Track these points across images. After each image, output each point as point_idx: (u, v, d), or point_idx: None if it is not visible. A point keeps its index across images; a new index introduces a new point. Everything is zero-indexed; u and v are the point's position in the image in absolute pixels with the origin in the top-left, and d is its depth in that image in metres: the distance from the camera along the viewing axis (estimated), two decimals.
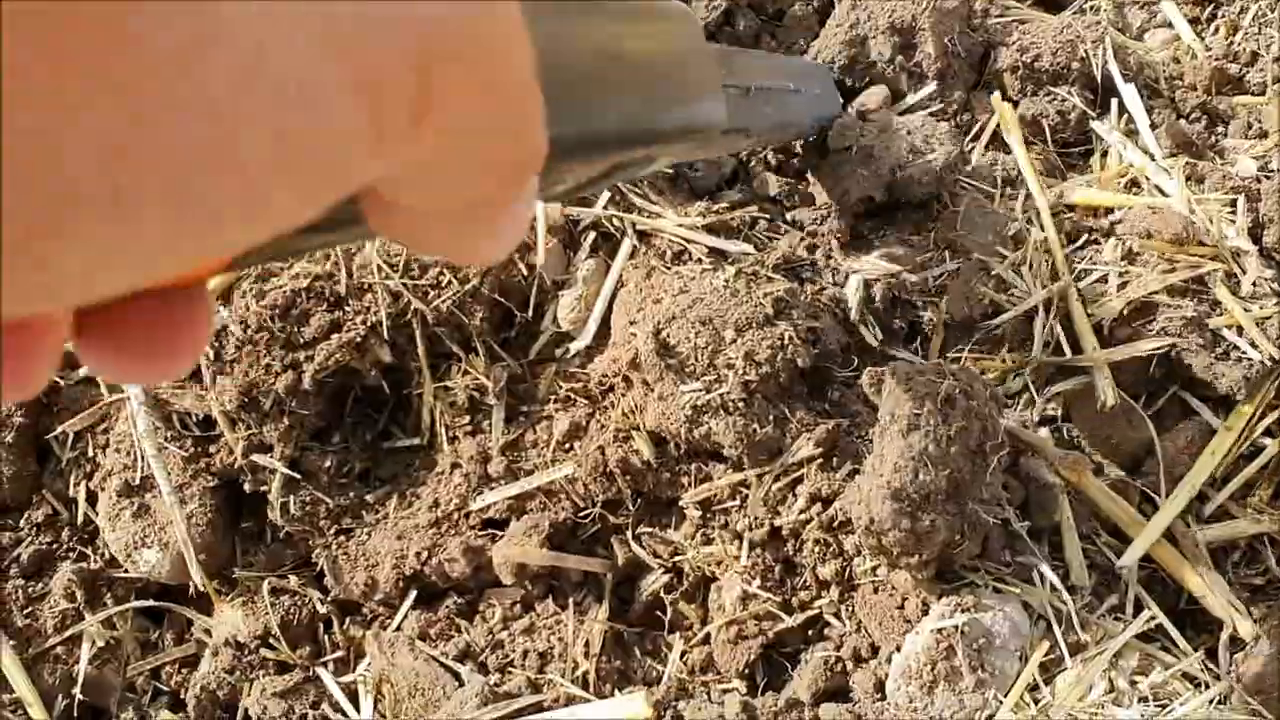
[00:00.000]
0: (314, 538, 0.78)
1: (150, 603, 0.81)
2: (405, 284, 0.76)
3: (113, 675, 0.79)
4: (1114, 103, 0.87)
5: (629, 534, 0.75)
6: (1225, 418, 0.76)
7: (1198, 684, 0.69)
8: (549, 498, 0.75)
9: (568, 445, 0.76)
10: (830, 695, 0.71)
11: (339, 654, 0.78)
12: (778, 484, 0.72)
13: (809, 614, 0.72)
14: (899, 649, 0.69)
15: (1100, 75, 0.87)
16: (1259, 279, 0.77)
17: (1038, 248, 0.81)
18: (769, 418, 0.72)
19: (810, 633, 0.73)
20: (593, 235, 0.80)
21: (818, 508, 0.71)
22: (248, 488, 0.78)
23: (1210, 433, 0.76)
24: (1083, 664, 0.68)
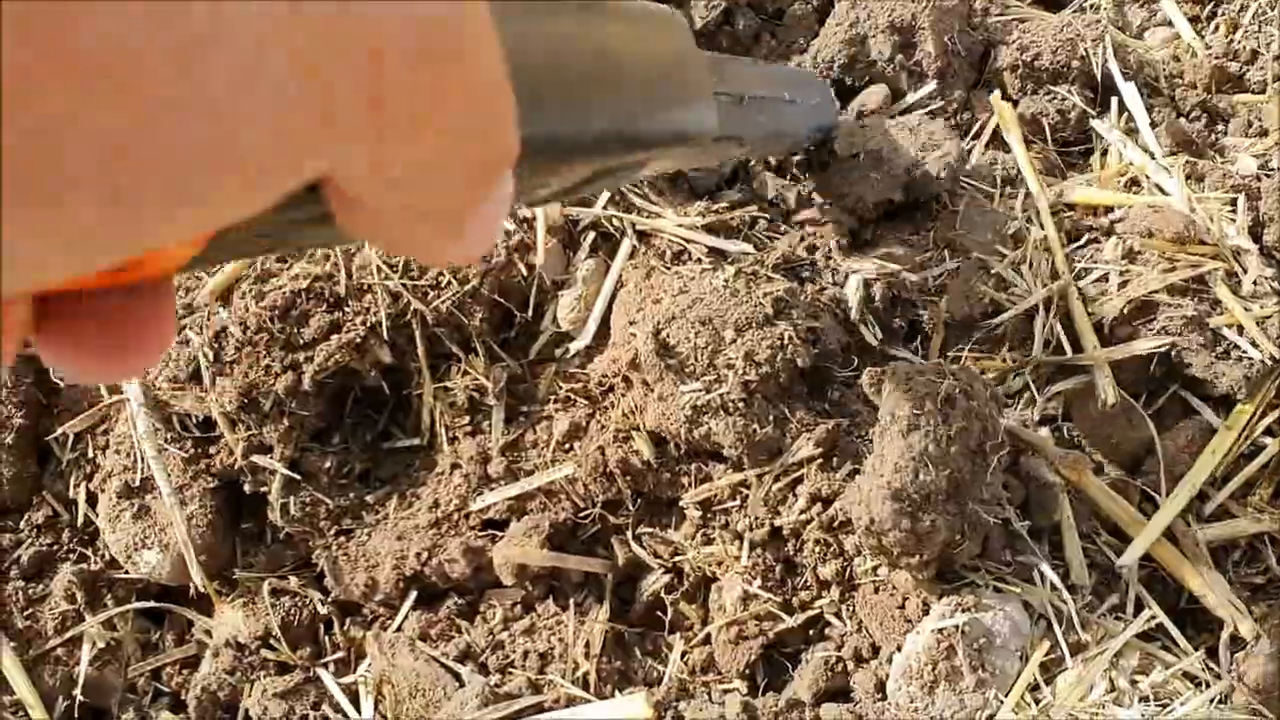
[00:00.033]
0: (314, 538, 0.78)
1: (151, 604, 0.81)
2: (405, 284, 0.76)
3: (113, 676, 0.79)
4: (1114, 101, 0.87)
5: (629, 534, 0.75)
6: (1226, 417, 0.76)
7: (1198, 683, 0.68)
8: (549, 498, 0.75)
9: (568, 445, 0.76)
10: (831, 695, 0.71)
11: (339, 655, 0.78)
12: (778, 484, 0.72)
13: (810, 614, 0.72)
14: (900, 649, 0.69)
15: (1100, 74, 0.87)
16: (1259, 278, 0.77)
17: (1038, 246, 0.81)
18: (769, 418, 0.72)
19: (811, 633, 0.73)
20: (592, 235, 0.80)
21: (818, 508, 0.71)
22: (248, 489, 0.78)
23: (1211, 432, 0.76)
24: (1083, 664, 0.68)
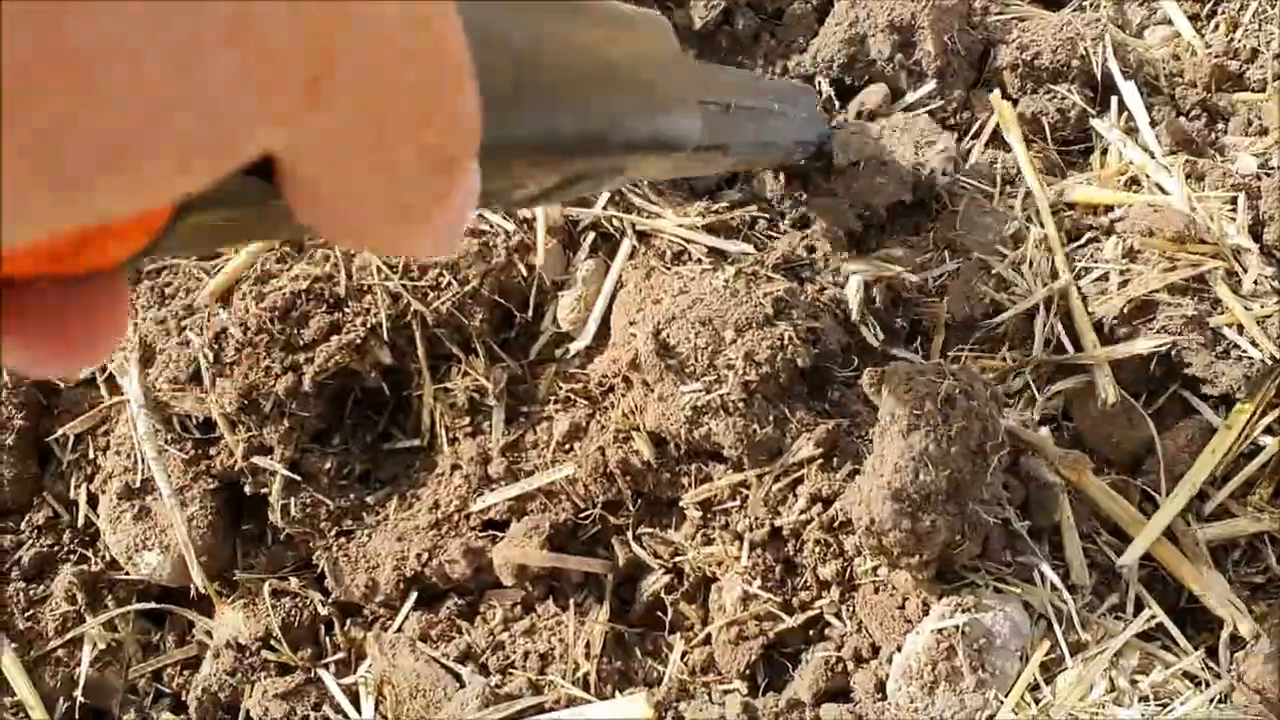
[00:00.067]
0: (315, 539, 0.78)
1: (151, 605, 0.81)
2: (405, 285, 0.76)
3: (114, 677, 0.79)
4: (1114, 100, 0.87)
5: (629, 535, 0.75)
6: (1226, 416, 0.76)
7: (1198, 683, 0.69)
8: (549, 499, 0.75)
9: (568, 446, 0.76)
10: (831, 695, 0.71)
11: (340, 655, 0.78)
12: (778, 484, 0.72)
13: (810, 614, 0.72)
14: (900, 649, 0.69)
15: (1100, 73, 0.87)
16: (1260, 277, 0.77)
17: (1038, 246, 0.81)
18: (769, 418, 0.72)
19: (811, 633, 0.73)
20: (592, 235, 0.80)
21: (818, 508, 0.71)
22: (248, 490, 0.78)
23: (1211, 431, 0.76)
24: (1083, 663, 0.68)
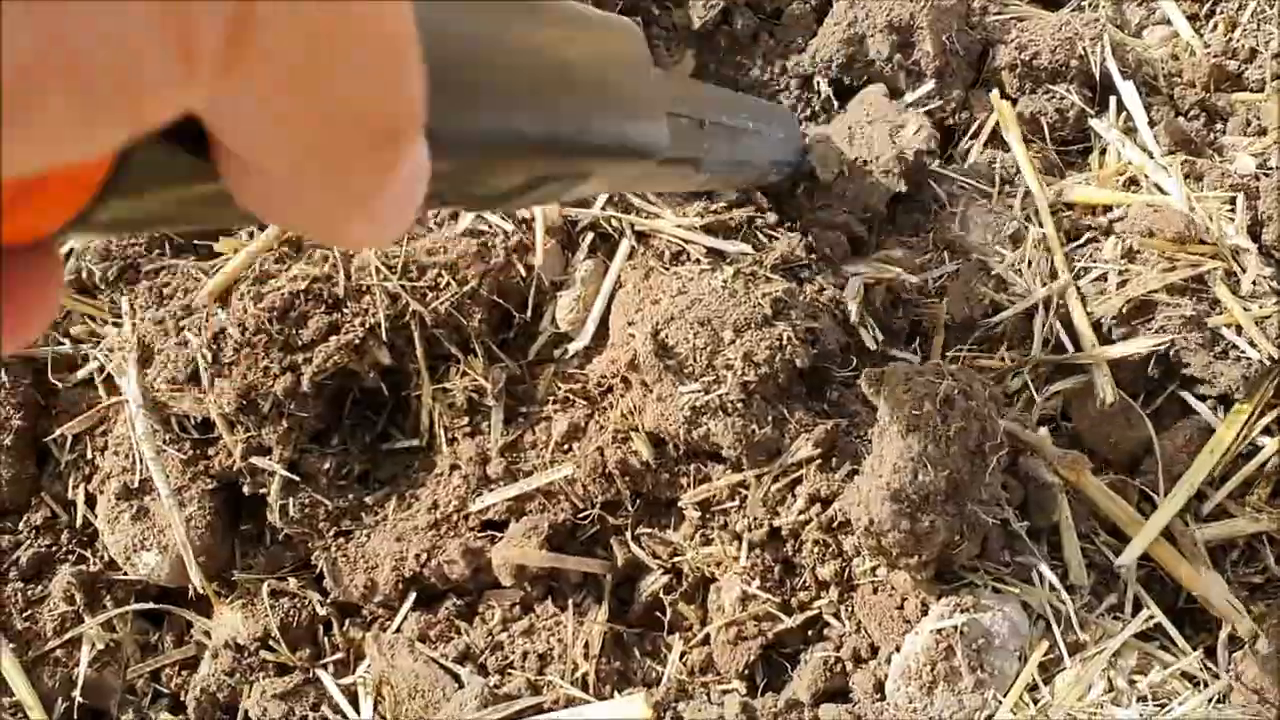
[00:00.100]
0: (313, 540, 0.78)
1: (150, 605, 0.81)
2: (404, 285, 0.76)
3: (113, 678, 0.79)
4: (1113, 100, 0.87)
5: (628, 535, 0.75)
6: (1224, 417, 0.76)
7: (1197, 683, 0.69)
8: (548, 499, 0.75)
9: (567, 446, 0.76)
10: (830, 696, 0.71)
11: (339, 656, 0.78)
12: (777, 484, 0.72)
13: (808, 614, 0.72)
14: (898, 649, 0.69)
15: (1099, 73, 0.87)
16: (1258, 277, 0.77)
17: (1037, 246, 0.81)
18: (768, 418, 0.72)
19: (810, 633, 0.73)
20: (591, 236, 0.80)
21: (817, 508, 0.71)
22: (247, 490, 0.78)
23: (1209, 431, 0.76)
24: (1082, 663, 0.68)
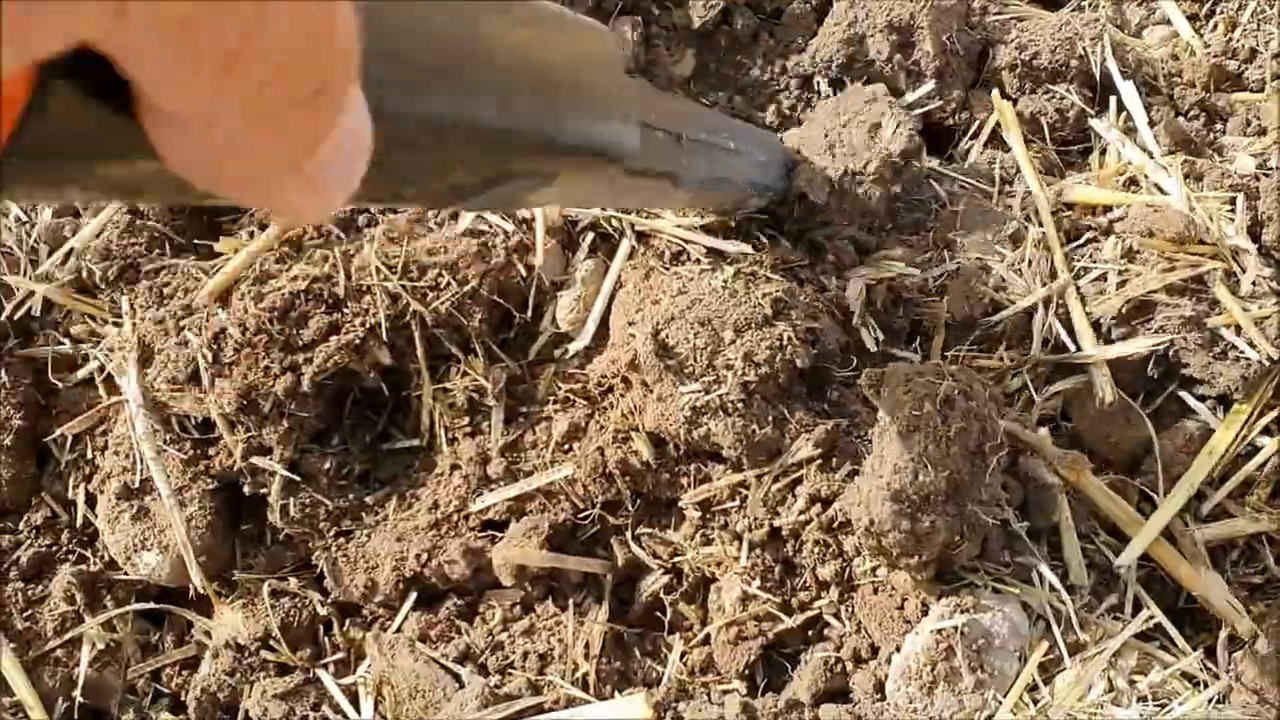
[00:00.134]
0: (314, 540, 0.78)
1: (150, 605, 0.81)
2: (404, 286, 0.76)
3: (113, 678, 0.79)
4: (1113, 100, 0.87)
5: (628, 535, 0.75)
6: (1223, 417, 0.76)
7: (1197, 683, 0.69)
8: (548, 499, 0.75)
9: (567, 446, 0.76)
10: (830, 696, 0.71)
11: (339, 656, 0.78)
12: (777, 485, 0.72)
13: (809, 615, 0.72)
14: (899, 649, 0.69)
15: (1099, 73, 0.87)
16: (1258, 278, 0.77)
17: (1037, 246, 0.81)
18: (768, 418, 0.72)
19: (810, 633, 0.73)
20: (591, 236, 0.80)
21: (817, 508, 0.71)
22: (247, 490, 0.78)
23: (1208, 432, 0.76)
24: (1082, 664, 0.68)
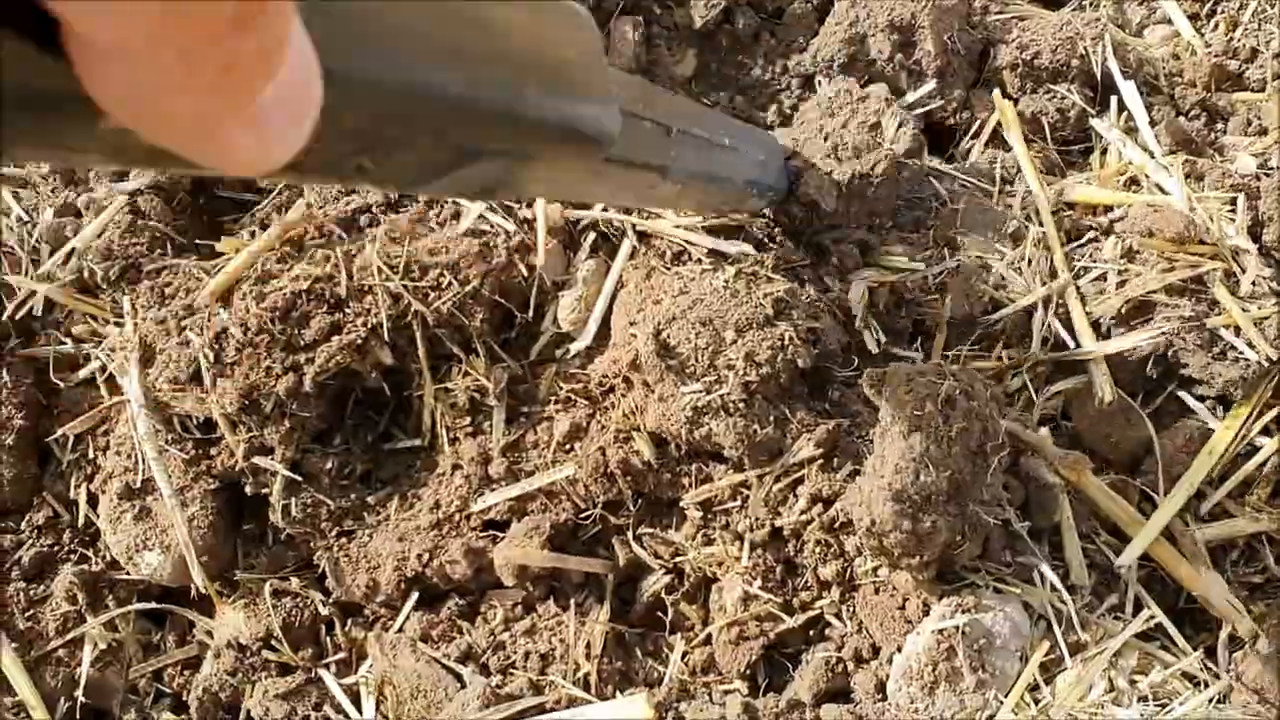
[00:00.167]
0: (315, 540, 0.78)
1: (152, 605, 0.81)
2: (405, 286, 0.76)
3: (115, 677, 0.79)
4: (1113, 100, 0.87)
5: (630, 535, 0.75)
6: (1222, 416, 0.76)
7: (1197, 683, 0.69)
8: (550, 499, 0.75)
9: (568, 446, 0.76)
10: (832, 696, 0.71)
11: (341, 656, 0.78)
12: (778, 485, 0.72)
13: (810, 615, 0.72)
14: (900, 649, 0.69)
15: (1100, 72, 0.87)
16: (1258, 278, 0.77)
17: (1037, 245, 0.81)
18: (769, 418, 0.72)
19: (811, 633, 0.73)
20: (592, 236, 0.80)
21: (819, 508, 0.71)
22: (249, 490, 0.78)
23: (1208, 432, 0.76)
24: (1083, 664, 0.68)
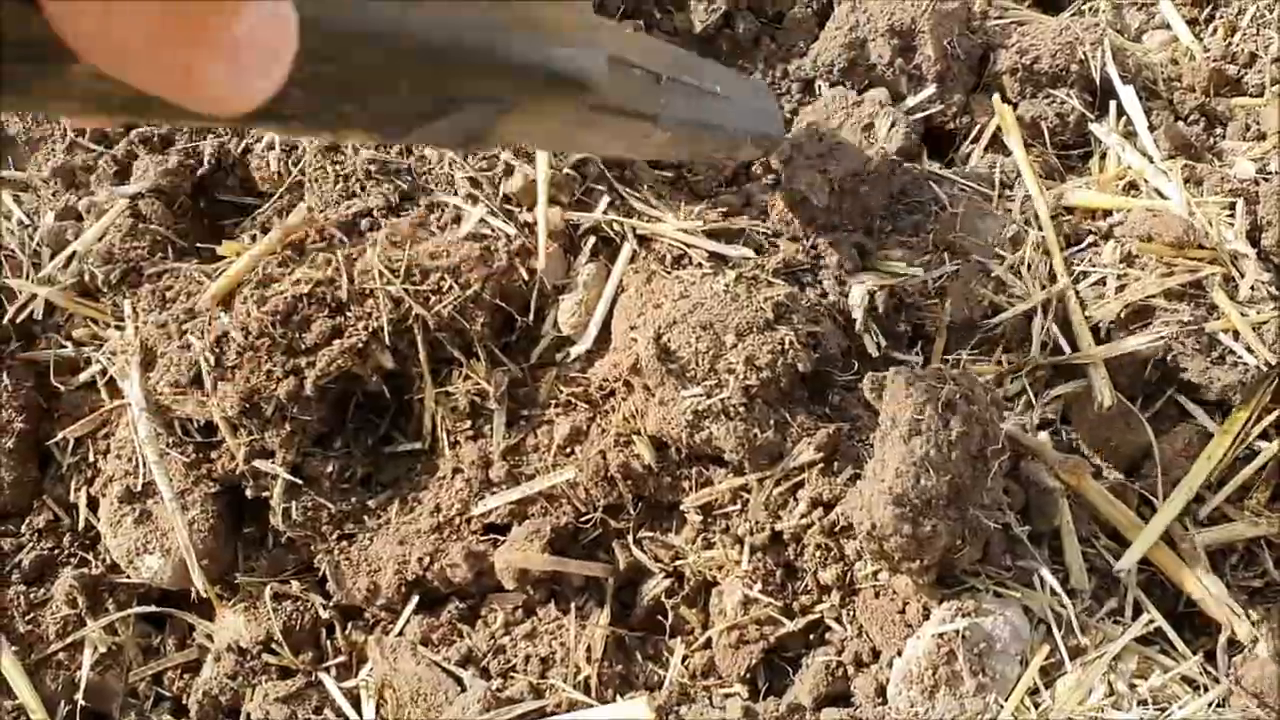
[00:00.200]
0: (316, 543, 0.78)
1: (152, 608, 0.81)
2: (406, 289, 0.76)
3: (115, 681, 0.79)
4: (1113, 105, 0.87)
5: (630, 538, 0.75)
6: (1221, 421, 0.76)
7: (1197, 687, 0.69)
8: (550, 502, 0.75)
9: (569, 450, 0.76)
10: (832, 700, 0.71)
11: (341, 659, 0.78)
12: (779, 488, 0.72)
13: (810, 618, 0.72)
14: (900, 653, 0.69)
15: (1099, 77, 0.87)
16: (1257, 283, 0.77)
17: (1036, 249, 0.81)
18: (770, 422, 0.72)
19: (811, 637, 0.73)
20: (593, 240, 0.80)
21: (819, 512, 0.71)
22: (249, 493, 0.78)
23: (1207, 436, 0.76)
24: (1082, 668, 0.68)
